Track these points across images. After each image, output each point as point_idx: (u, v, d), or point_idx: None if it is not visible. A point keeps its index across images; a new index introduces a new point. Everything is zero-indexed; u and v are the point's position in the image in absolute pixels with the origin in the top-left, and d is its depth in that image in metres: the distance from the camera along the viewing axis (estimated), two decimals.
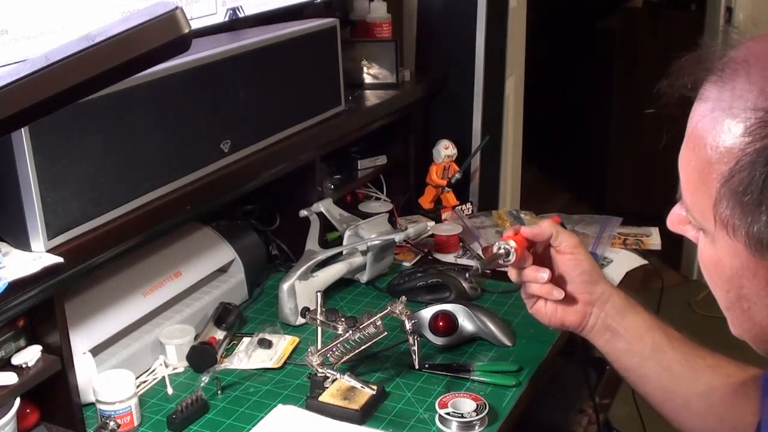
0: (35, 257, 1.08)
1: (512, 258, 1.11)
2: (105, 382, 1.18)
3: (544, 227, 1.13)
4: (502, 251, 1.11)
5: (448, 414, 1.18)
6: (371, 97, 1.90)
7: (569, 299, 1.12)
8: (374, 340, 1.27)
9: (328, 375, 1.23)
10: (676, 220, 0.80)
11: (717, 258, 0.72)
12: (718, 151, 0.68)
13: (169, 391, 1.29)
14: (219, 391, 1.27)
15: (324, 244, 1.65)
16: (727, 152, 0.67)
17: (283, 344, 1.39)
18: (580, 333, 1.15)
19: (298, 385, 1.30)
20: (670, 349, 1.10)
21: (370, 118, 1.84)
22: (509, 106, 2.55)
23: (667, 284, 1.65)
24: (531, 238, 1.13)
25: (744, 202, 0.66)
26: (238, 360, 1.34)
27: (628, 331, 1.11)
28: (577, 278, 1.12)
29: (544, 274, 1.10)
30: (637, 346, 1.11)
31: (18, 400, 1.09)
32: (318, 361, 1.23)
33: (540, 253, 1.14)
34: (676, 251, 3.64)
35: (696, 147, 0.71)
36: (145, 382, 1.30)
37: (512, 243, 1.11)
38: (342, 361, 1.27)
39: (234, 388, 1.29)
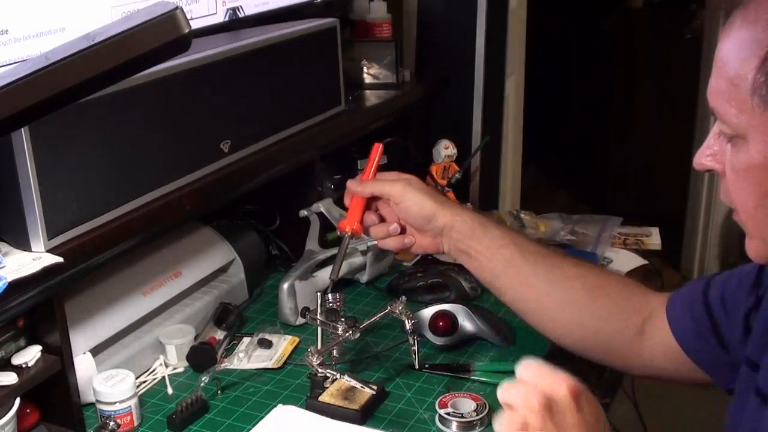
0: (35, 257, 1.08)
1: (354, 237, 1.24)
2: (105, 382, 1.18)
3: (364, 188, 1.24)
4: (347, 241, 1.24)
5: (448, 414, 1.18)
6: (371, 97, 1.90)
7: (419, 235, 1.24)
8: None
9: (328, 375, 1.23)
10: (701, 156, 0.87)
11: (749, 156, 0.79)
12: (750, 52, 0.76)
13: (169, 391, 1.29)
14: (219, 391, 1.27)
15: (324, 244, 1.65)
16: (759, 43, 0.75)
17: (283, 344, 1.39)
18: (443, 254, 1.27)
19: (298, 385, 1.30)
20: (523, 263, 1.18)
21: (370, 118, 1.84)
22: (509, 106, 2.54)
23: (667, 284, 1.65)
24: (358, 196, 1.24)
25: None
26: (238, 360, 1.34)
27: (478, 251, 1.20)
28: (414, 220, 1.22)
29: (394, 227, 1.23)
30: (489, 264, 1.20)
31: (18, 400, 1.09)
32: (318, 361, 1.23)
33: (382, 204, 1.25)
34: (676, 251, 3.64)
35: (728, 58, 0.79)
36: (145, 382, 1.30)
37: (347, 229, 1.24)
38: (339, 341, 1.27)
39: (234, 388, 1.29)
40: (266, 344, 1.38)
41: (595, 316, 1.15)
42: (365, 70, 1.97)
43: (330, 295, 1.26)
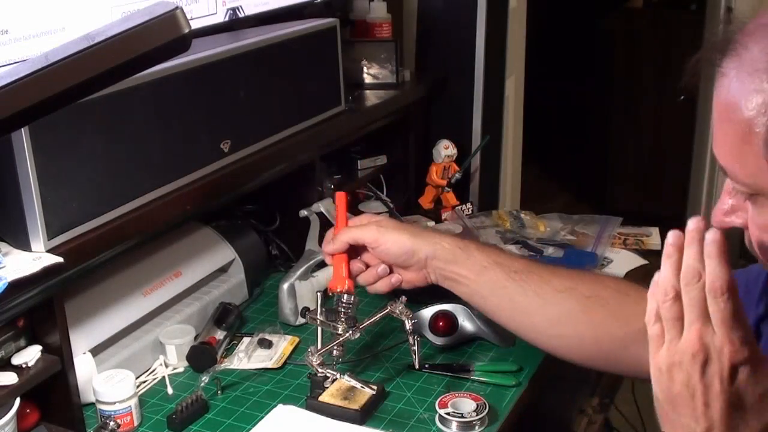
0: (35, 257, 1.08)
1: (348, 294, 1.24)
2: (105, 382, 1.18)
3: (338, 243, 1.23)
4: (345, 299, 1.24)
5: (448, 414, 1.18)
6: (371, 97, 1.90)
7: (404, 272, 1.24)
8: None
9: (328, 375, 1.23)
10: (721, 213, 0.81)
11: None
12: (755, 106, 0.70)
13: (169, 391, 1.29)
14: (219, 391, 1.27)
15: None
16: (764, 103, 0.69)
17: (283, 344, 1.39)
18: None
19: (298, 385, 1.30)
20: (510, 283, 1.18)
21: (370, 118, 1.84)
22: (509, 106, 2.54)
23: None
24: (336, 252, 1.24)
25: None
26: (238, 360, 1.34)
27: (463, 276, 1.20)
28: (395, 259, 1.23)
29: (382, 268, 1.23)
30: (476, 288, 1.20)
31: (18, 400, 1.09)
32: (318, 361, 1.23)
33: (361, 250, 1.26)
34: None
35: (730, 114, 0.73)
36: (145, 382, 1.30)
37: (338, 290, 1.23)
38: (343, 354, 1.27)
39: (234, 388, 1.29)
40: (266, 344, 1.38)
41: (592, 327, 1.14)
42: (365, 70, 1.97)
43: (345, 296, 1.26)
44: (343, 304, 1.25)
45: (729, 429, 0.73)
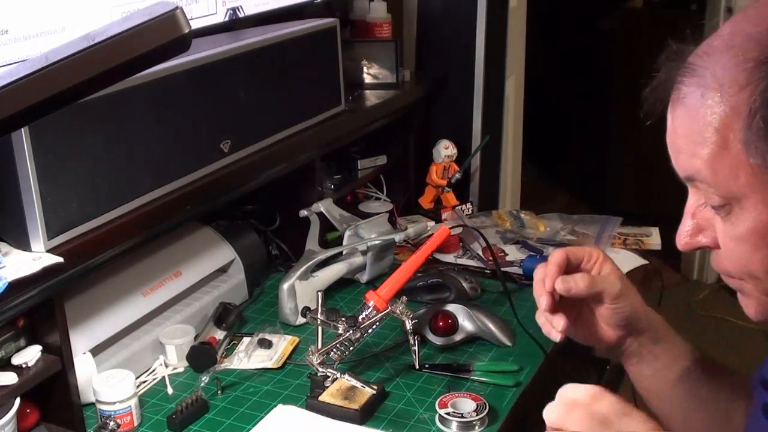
0: (35, 257, 1.08)
1: (378, 315, 1.25)
2: (105, 382, 1.18)
3: (580, 286, 1.02)
4: (371, 312, 1.26)
5: (448, 414, 1.18)
6: (371, 97, 1.91)
7: (604, 330, 1.07)
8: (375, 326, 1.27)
9: (328, 374, 1.23)
10: (686, 235, 0.81)
11: (753, 219, 0.73)
12: (725, 113, 0.70)
13: (169, 391, 1.29)
14: (219, 391, 1.27)
15: (324, 244, 1.65)
16: (735, 108, 0.69)
17: (283, 344, 1.39)
18: (609, 351, 1.12)
19: (298, 385, 1.30)
20: (699, 374, 1.07)
21: (370, 118, 1.84)
22: (509, 106, 2.55)
23: (667, 284, 1.65)
24: (564, 294, 1.02)
25: None
26: (238, 360, 1.34)
27: (658, 358, 1.08)
28: (623, 317, 1.05)
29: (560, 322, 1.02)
30: (665, 372, 1.08)
31: (18, 400, 1.09)
32: (318, 361, 1.23)
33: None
34: (676, 251, 3.63)
35: (702, 127, 0.73)
36: (145, 382, 1.30)
37: (371, 302, 1.26)
38: (345, 355, 1.27)
39: (234, 388, 1.29)
40: (266, 344, 1.38)
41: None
42: (365, 70, 1.97)
43: (374, 311, 1.27)
44: (366, 316, 1.26)
45: None
